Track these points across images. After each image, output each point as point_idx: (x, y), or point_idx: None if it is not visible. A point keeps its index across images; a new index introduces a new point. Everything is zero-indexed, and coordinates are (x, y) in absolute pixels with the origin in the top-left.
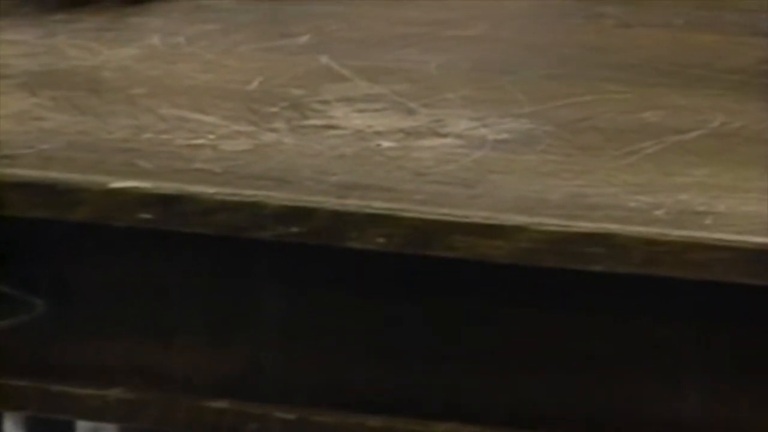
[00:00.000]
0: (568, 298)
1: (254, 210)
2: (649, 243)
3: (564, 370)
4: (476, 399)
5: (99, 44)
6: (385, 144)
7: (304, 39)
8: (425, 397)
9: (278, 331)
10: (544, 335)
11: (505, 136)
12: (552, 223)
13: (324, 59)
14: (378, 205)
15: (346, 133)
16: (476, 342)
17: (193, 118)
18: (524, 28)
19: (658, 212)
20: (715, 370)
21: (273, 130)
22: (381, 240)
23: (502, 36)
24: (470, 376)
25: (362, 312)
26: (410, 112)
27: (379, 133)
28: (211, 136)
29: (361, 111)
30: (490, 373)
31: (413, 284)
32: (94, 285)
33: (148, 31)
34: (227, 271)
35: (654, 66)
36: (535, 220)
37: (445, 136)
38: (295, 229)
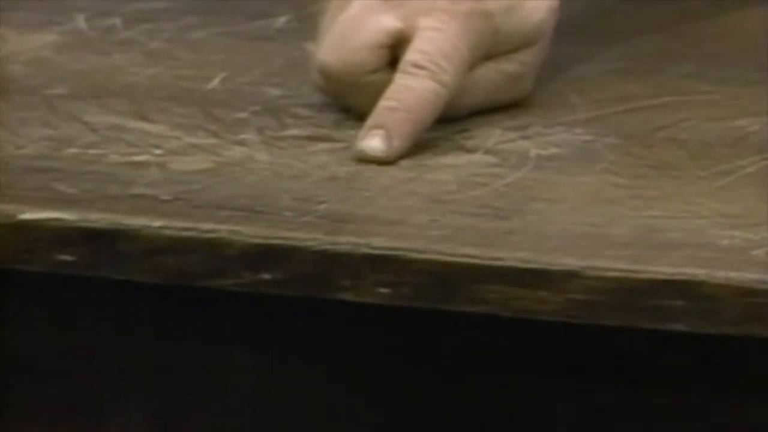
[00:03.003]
0: (638, 367)
1: (215, 250)
2: (746, 293)
3: None
4: None
5: (6, 29)
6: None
7: (281, 21)
8: None
9: (247, 408)
10: (604, 414)
11: (553, 151)
12: (615, 267)
13: (309, 48)
14: (380, 243)
15: (339, 146)
16: (508, 424)
17: (132, 128)
18: (582, 8)
19: (758, 252)
20: None
21: (241, 143)
22: (384, 290)
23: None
24: None
25: (356, 384)
26: None
27: None
28: (158, 152)
29: (358, 117)
30: None
31: (425, 349)
32: (2, 349)
33: (70, 10)
34: (179, 331)
35: (754, 59)
36: (593, 263)
37: (472, 151)
38: (268, 276)
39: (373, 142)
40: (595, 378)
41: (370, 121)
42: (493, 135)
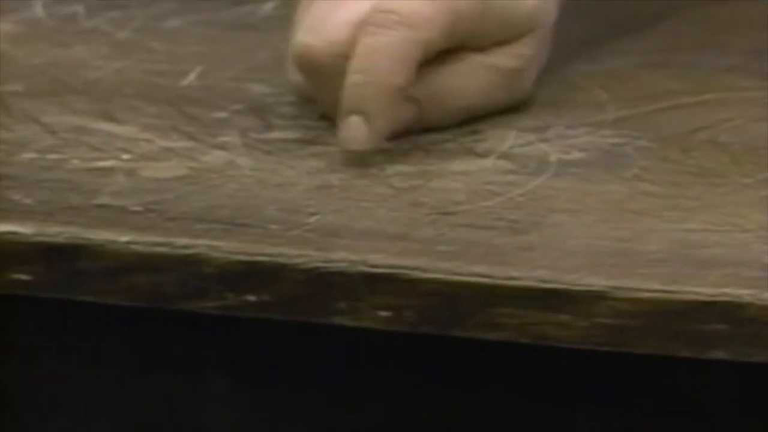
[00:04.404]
0: (674, 399)
1: (191, 268)
2: None
3: None
4: None
5: None
6: (392, 168)
7: (267, 8)
8: None
9: None
10: None
11: (576, 155)
12: (648, 288)
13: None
14: (380, 261)
15: (332, 150)
16: None
17: (97, 129)
18: None
19: None
20: None
21: (220, 147)
22: (385, 314)
23: (575, 3)
24: None
25: (355, 417)
26: None
27: (382, 151)
28: (126, 157)
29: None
30: None
31: (430, 380)
32: None
33: None
34: (150, 359)
35: None
36: (622, 283)
37: (484, 155)
38: (254, 298)
39: (351, 133)
40: (625, 413)
41: (344, 105)
42: (508, 137)
